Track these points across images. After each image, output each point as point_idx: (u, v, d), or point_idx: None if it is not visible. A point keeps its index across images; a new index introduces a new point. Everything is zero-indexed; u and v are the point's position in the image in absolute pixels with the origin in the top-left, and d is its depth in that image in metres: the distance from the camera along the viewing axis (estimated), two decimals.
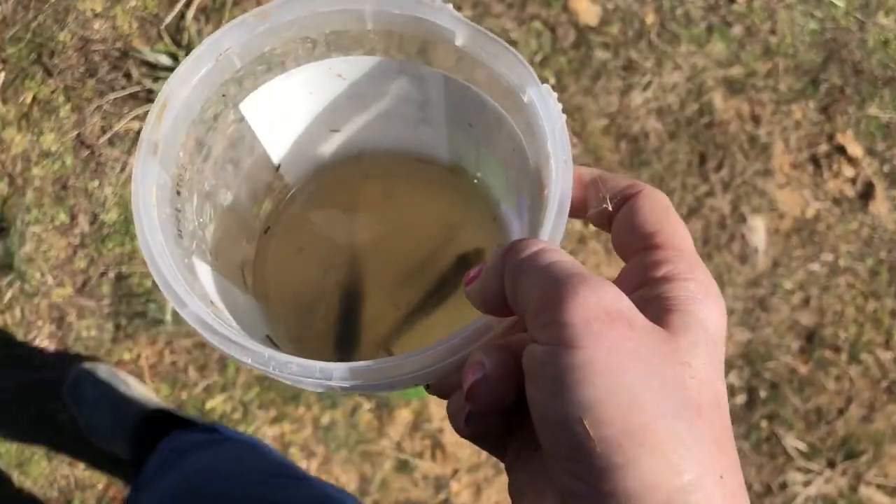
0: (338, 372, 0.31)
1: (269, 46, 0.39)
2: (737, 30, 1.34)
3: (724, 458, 0.25)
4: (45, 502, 1.09)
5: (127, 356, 1.12)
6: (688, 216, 1.28)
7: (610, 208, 0.33)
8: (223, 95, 0.40)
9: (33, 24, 1.18)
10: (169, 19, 1.21)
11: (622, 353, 0.25)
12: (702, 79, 1.32)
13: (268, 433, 1.14)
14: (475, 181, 0.47)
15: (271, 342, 0.42)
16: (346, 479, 1.14)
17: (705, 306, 0.28)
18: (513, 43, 1.28)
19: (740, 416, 1.24)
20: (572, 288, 0.25)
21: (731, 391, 1.25)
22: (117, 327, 1.12)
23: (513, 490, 0.29)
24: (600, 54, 1.30)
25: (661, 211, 0.32)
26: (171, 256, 0.34)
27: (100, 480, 1.11)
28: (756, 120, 1.33)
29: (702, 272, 0.30)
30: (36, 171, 1.15)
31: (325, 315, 0.46)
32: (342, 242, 0.47)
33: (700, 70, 1.32)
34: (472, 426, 0.30)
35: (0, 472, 1.08)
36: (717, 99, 1.32)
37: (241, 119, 0.42)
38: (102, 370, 1.07)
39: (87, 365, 1.09)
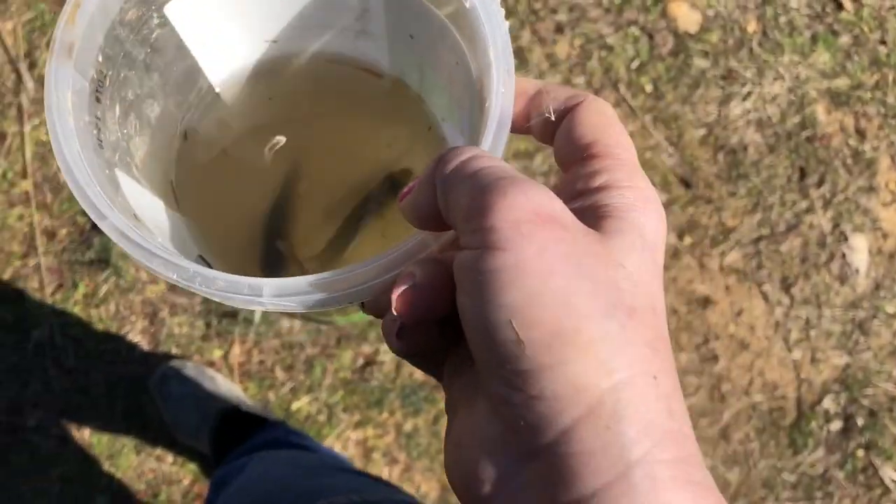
0: (268, 288, 0.30)
1: None
2: (844, 39, 1.29)
3: (658, 359, 0.24)
4: (133, 494, 1.11)
5: (217, 354, 1.13)
6: (785, 233, 1.23)
7: (552, 118, 0.31)
8: None
9: None
10: None
11: (552, 254, 0.24)
12: (804, 90, 1.27)
13: (351, 437, 1.14)
14: (418, 99, 0.44)
15: (204, 262, 0.40)
16: (426, 488, 1.14)
17: (642, 213, 0.27)
18: (609, 48, 1.25)
19: (835, 444, 1.19)
20: (501, 190, 0.24)
21: (826, 417, 1.20)
22: (208, 325, 1.13)
23: (448, 406, 0.28)
24: (699, 62, 1.26)
25: (601, 120, 0.30)
26: (88, 166, 0.32)
27: (186, 476, 1.12)
28: (861, 134, 1.27)
29: (641, 180, 0.28)
30: None
31: (251, 231, 0.45)
32: (272, 156, 0.45)
33: (803, 81, 1.27)
34: (405, 340, 0.29)
35: (92, 463, 1.10)
36: (820, 111, 1.27)
37: (166, 24, 0.39)
38: (189, 367, 1.09)
39: (175, 362, 1.10)
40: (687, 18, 1.29)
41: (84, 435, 1.11)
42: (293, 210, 0.44)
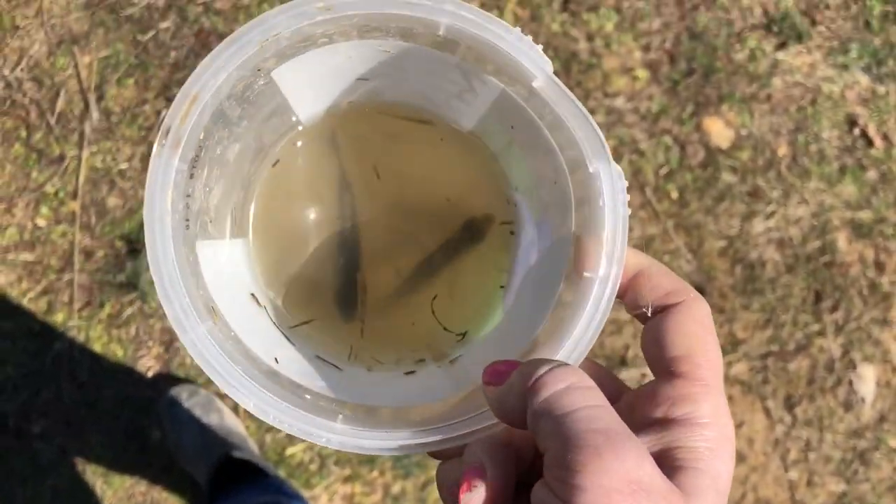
0: (335, 440, 0.32)
1: (323, 29, 0.35)
2: (871, 174, 1.32)
3: None
4: None
5: None
6: (794, 352, 1.25)
7: (649, 314, 0.32)
8: (258, 70, 0.36)
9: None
10: None
11: None
12: (827, 217, 1.30)
13: (339, 490, 1.15)
14: (493, 157, 0.44)
15: (255, 300, 0.41)
16: None
17: (720, 459, 0.28)
18: (640, 153, 1.31)
19: None
20: (594, 449, 0.25)
21: None
22: None
23: None
24: (727, 177, 1.31)
25: (695, 331, 0.30)
26: (179, 269, 0.33)
27: None
28: (880, 267, 1.29)
29: (723, 414, 0.29)
30: None
31: (323, 262, 0.44)
32: (345, 188, 0.44)
33: (827, 208, 1.31)
34: None
35: (86, 478, 1.13)
36: (841, 240, 1.30)
37: (269, 82, 0.38)
38: (201, 395, 1.12)
39: (188, 387, 1.13)
40: (720, 134, 1.34)
41: (84, 449, 1.14)
42: (363, 244, 0.44)
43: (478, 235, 0.44)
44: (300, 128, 0.44)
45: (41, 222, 1.20)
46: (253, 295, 0.41)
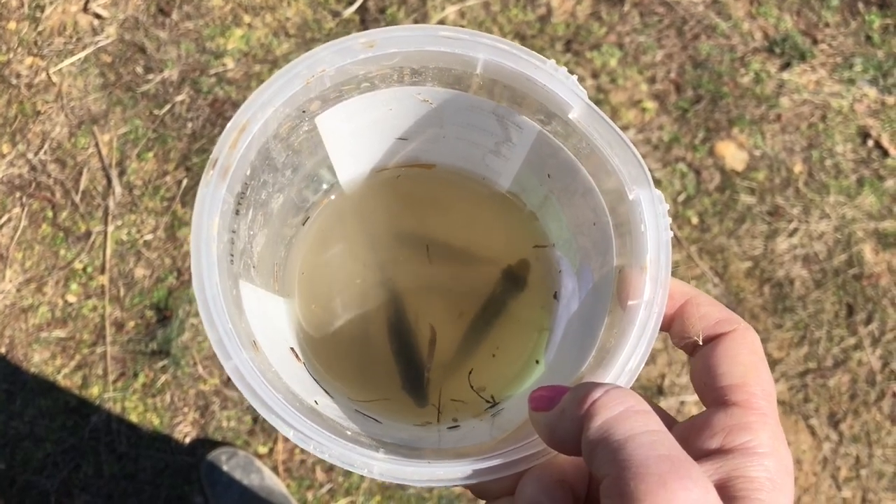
0: (377, 468, 0.31)
1: (365, 70, 0.37)
2: (889, 183, 1.32)
3: None
4: None
5: (261, 450, 1.16)
6: (833, 368, 1.23)
7: (700, 342, 0.31)
8: (303, 111, 0.38)
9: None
10: None
11: None
12: (851, 230, 1.30)
13: None
14: (531, 216, 0.44)
15: (294, 354, 0.41)
16: None
17: (780, 491, 0.27)
18: (656, 182, 1.31)
19: None
20: (659, 479, 0.23)
21: None
22: (255, 420, 1.17)
23: None
24: (746, 198, 1.31)
25: (749, 360, 0.30)
26: (223, 296, 0.33)
27: None
28: None
29: (781, 443, 0.28)
30: None
31: (376, 342, 0.44)
32: (382, 245, 0.45)
33: (849, 221, 1.30)
34: None
35: None
36: (868, 251, 1.29)
37: (313, 129, 0.40)
38: (240, 457, 1.12)
39: (226, 449, 1.13)
40: (734, 157, 1.35)
41: None
42: (417, 325, 0.44)
43: (519, 282, 0.44)
44: (341, 192, 0.45)
45: (71, 298, 1.21)
46: (292, 349, 0.42)
